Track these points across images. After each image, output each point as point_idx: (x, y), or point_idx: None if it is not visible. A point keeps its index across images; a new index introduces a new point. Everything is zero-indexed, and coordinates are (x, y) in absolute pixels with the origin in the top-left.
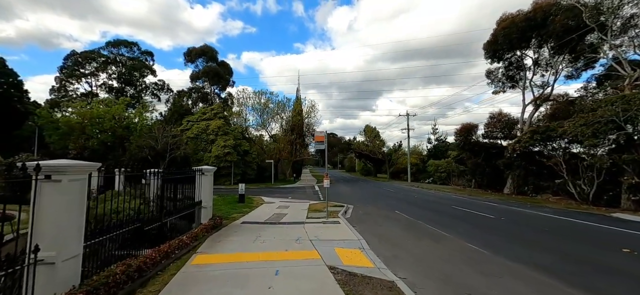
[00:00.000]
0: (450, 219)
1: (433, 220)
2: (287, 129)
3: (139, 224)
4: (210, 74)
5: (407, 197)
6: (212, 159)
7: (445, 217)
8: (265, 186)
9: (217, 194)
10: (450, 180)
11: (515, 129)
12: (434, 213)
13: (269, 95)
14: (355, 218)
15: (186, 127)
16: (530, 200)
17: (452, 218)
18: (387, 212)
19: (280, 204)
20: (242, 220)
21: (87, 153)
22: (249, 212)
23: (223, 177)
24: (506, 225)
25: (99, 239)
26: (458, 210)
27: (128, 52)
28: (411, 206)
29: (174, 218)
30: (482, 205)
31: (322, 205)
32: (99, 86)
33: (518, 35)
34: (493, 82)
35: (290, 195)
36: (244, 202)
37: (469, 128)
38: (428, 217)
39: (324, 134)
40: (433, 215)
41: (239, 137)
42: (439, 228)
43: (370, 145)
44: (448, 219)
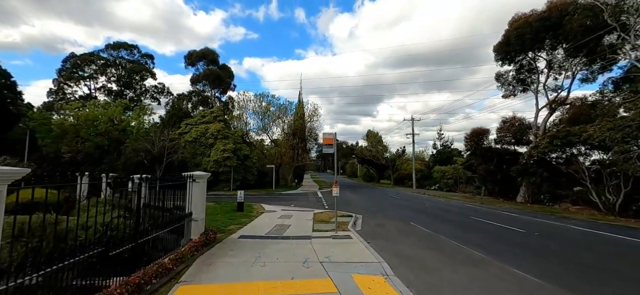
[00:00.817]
0: (476, 233)
1: (457, 235)
2: (289, 133)
3: (102, 249)
4: (211, 77)
5: (417, 206)
6: (211, 163)
7: (469, 231)
8: (266, 192)
9: (215, 201)
10: (458, 187)
11: (527, 134)
12: (455, 226)
13: (270, 99)
14: (368, 231)
15: (184, 130)
16: (548, 209)
17: (477, 232)
18: (401, 223)
19: (282, 212)
20: (239, 233)
21: (80, 156)
22: (248, 223)
23: (222, 183)
24: (545, 242)
25: (43, 271)
26: (479, 222)
27: (128, 54)
28: (425, 216)
29: (155, 235)
30: (502, 216)
31: (328, 214)
32: (98, 89)
33: (532, 36)
34: (503, 85)
35: (293, 202)
36: (242, 210)
37: (480, 133)
38: (450, 231)
39: (333, 136)
40: (454, 229)
41: (239, 141)
42: (469, 246)
43: (373, 150)
44: (473, 233)
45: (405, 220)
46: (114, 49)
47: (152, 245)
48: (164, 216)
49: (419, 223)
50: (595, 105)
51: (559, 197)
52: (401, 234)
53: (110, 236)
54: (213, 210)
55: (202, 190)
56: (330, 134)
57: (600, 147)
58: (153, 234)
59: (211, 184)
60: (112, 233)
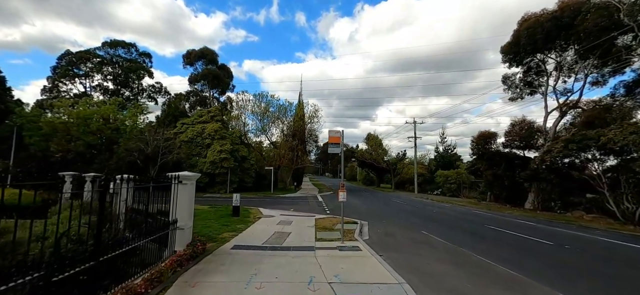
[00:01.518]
0: (498, 245)
1: (479, 247)
2: (288, 135)
3: (40, 273)
4: (209, 77)
5: (424, 212)
6: (207, 164)
7: (490, 243)
8: (263, 195)
9: (210, 204)
10: (461, 192)
11: (536, 138)
12: (471, 235)
13: (269, 99)
14: (377, 241)
15: (180, 130)
16: (561, 217)
17: (499, 244)
18: (411, 232)
19: (281, 218)
20: (233, 242)
21: (71, 156)
22: (244, 230)
23: (219, 185)
24: (585, 259)
25: None
26: (496, 231)
27: (125, 53)
28: (436, 224)
29: (127, 249)
30: (518, 225)
31: (331, 220)
32: (93, 87)
33: (543, 36)
34: (510, 88)
35: (292, 206)
36: (238, 215)
37: (488, 136)
38: (469, 243)
39: (339, 135)
40: (472, 239)
41: (236, 141)
42: (496, 261)
43: (374, 154)
44: (495, 244)
45: (415, 228)
46: (111, 47)
47: (124, 261)
48: (141, 225)
49: (432, 232)
50: (610, 109)
51: (571, 205)
52: (415, 244)
53: (59, 254)
54: (206, 215)
55: (190, 194)
56: (337, 132)
57: (620, 152)
58: (124, 248)
59: (207, 186)
60: (66, 248)
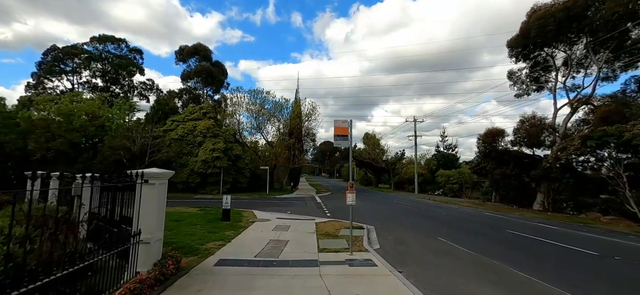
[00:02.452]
0: (534, 255)
1: (512, 258)
2: (285, 133)
3: None
4: (203, 74)
5: (432, 214)
6: (199, 164)
7: (522, 252)
8: (258, 196)
9: (201, 205)
10: (463, 193)
11: (544, 136)
12: (497, 243)
13: (264, 96)
14: (391, 251)
15: (170, 127)
16: (575, 219)
17: (534, 254)
18: (426, 238)
19: (278, 222)
20: (219, 256)
21: (51, 155)
22: (234, 239)
23: (211, 185)
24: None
25: None
26: (522, 238)
27: (115, 49)
28: (450, 228)
29: (54, 277)
30: (540, 229)
31: (333, 225)
32: (81, 84)
33: (554, 28)
34: (515, 83)
35: (289, 208)
36: (229, 219)
37: (496, 134)
38: (497, 252)
39: (347, 125)
40: (499, 248)
41: (230, 140)
42: (548, 281)
43: (372, 154)
44: (530, 255)
45: (429, 233)
46: (100, 42)
47: (59, 291)
48: (98, 238)
49: (449, 238)
50: (628, 104)
51: (584, 205)
52: (436, 255)
53: None
54: (192, 220)
55: (160, 197)
56: (344, 121)
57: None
58: (50, 277)
59: (198, 187)
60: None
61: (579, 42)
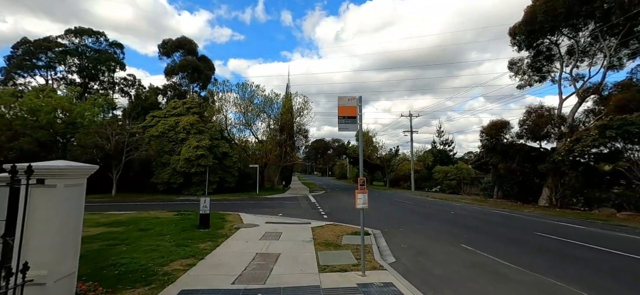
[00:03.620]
0: (612, 275)
1: (582, 279)
2: (275, 129)
3: None
4: (188, 69)
5: (439, 213)
6: (182, 162)
7: (584, 268)
8: (248, 196)
9: (180, 208)
10: (461, 189)
11: (549, 128)
12: (538, 254)
13: (253, 89)
14: (412, 267)
15: (150, 123)
16: (589, 215)
17: (605, 272)
18: (448, 246)
19: (267, 228)
20: (181, 285)
21: (12, 155)
22: (208, 255)
23: (195, 186)
24: None
25: None
26: (566, 244)
27: (93, 42)
28: (470, 232)
29: None
30: (571, 230)
31: (333, 230)
32: (56, 80)
33: (564, 11)
34: (517, 74)
35: (281, 209)
36: (208, 226)
37: (500, 126)
38: (544, 265)
39: (355, 104)
40: (549, 260)
41: (216, 136)
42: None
43: (366, 151)
44: (602, 273)
45: (448, 239)
46: (76, 36)
47: None
48: None
49: (474, 245)
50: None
51: (595, 200)
52: (471, 272)
53: None
54: (162, 228)
55: (69, 206)
56: (351, 99)
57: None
58: None
59: (181, 188)
60: None
61: (585, 29)
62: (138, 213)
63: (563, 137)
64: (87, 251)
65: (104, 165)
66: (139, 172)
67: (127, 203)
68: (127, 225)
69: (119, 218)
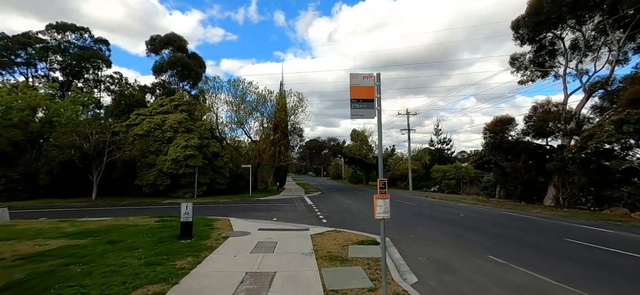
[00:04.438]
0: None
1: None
2: (269, 128)
3: None
4: (178, 66)
5: (446, 215)
6: (169, 163)
7: (632, 283)
8: (240, 199)
9: (164, 213)
10: (460, 189)
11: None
12: (584, 266)
13: (246, 85)
14: (441, 290)
15: (135, 121)
16: (603, 216)
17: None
18: (474, 258)
19: (260, 236)
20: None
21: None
22: (185, 277)
23: (183, 188)
24: None
25: None
26: (606, 253)
27: (77, 39)
28: (491, 238)
29: None
30: (598, 235)
31: (336, 238)
32: (37, 77)
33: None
34: (518, 69)
35: (276, 213)
36: (190, 237)
37: (505, 122)
38: (604, 286)
39: (372, 83)
40: (596, 276)
41: (206, 135)
42: None
43: (361, 150)
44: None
45: (470, 248)
46: (58, 31)
47: None
48: None
49: (503, 255)
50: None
51: (605, 200)
52: None
53: None
54: (136, 240)
55: None
56: (368, 76)
57: None
58: None
59: (168, 190)
60: None
61: (589, 22)
62: (115, 220)
63: (572, 133)
64: (30, 274)
65: (84, 167)
66: (123, 173)
67: (107, 208)
68: (96, 236)
69: (89, 227)
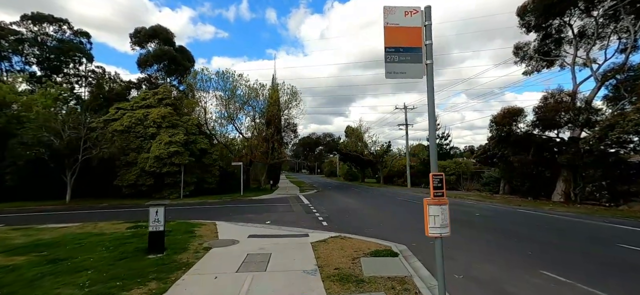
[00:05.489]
0: None
1: None
2: (261, 123)
3: None
4: (164, 59)
5: (463, 216)
6: (151, 160)
7: None
8: (230, 199)
9: (141, 218)
10: (460, 185)
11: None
12: None
13: (236, 77)
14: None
15: (114, 116)
16: (623, 213)
17: None
18: (523, 273)
19: (250, 246)
20: None
21: None
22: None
23: (168, 188)
24: None
25: None
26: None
27: (56, 31)
28: (526, 244)
29: None
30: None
31: (342, 247)
32: (10, 72)
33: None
34: (523, 59)
35: (269, 215)
36: (161, 250)
37: (514, 113)
38: None
39: (419, 21)
40: None
41: (193, 131)
42: None
43: (359, 146)
44: None
45: (513, 260)
46: (34, 22)
47: None
48: None
49: (561, 271)
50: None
51: (622, 195)
52: None
53: None
54: (88, 257)
55: None
56: (410, 11)
57: None
58: None
59: (151, 190)
60: None
61: (599, 6)
62: (81, 226)
63: (587, 125)
64: None
65: (56, 166)
66: (101, 173)
67: (81, 211)
68: (41, 252)
69: (43, 237)
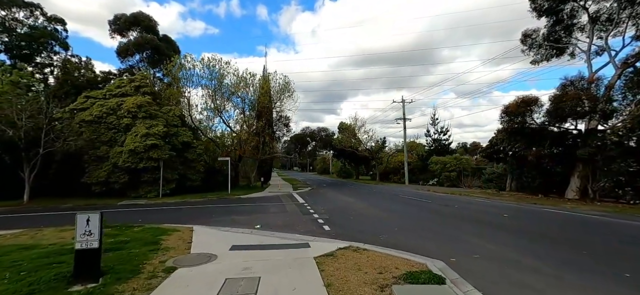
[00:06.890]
0: None
1: None
2: (251, 116)
3: None
4: (147, 49)
5: (476, 216)
6: (125, 155)
7: None
8: (216, 197)
9: (114, 225)
10: (460, 181)
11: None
12: None
13: (223, 65)
14: None
15: (82, 105)
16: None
17: None
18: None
19: (232, 265)
20: None
21: None
22: None
23: (146, 185)
24: None
25: None
26: None
27: (27, 17)
28: (586, 254)
29: None
30: None
31: (358, 268)
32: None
33: None
34: (531, 48)
35: (259, 216)
36: (94, 278)
37: (528, 102)
38: None
39: None
40: None
41: (175, 122)
42: None
43: (354, 142)
44: None
45: (585, 285)
46: (2, 7)
47: None
48: None
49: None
50: None
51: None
52: None
53: None
54: (10, 279)
55: None
56: None
57: None
58: None
59: (126, 189)
60: None
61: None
62: (17, 235)
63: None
64: None
65: (12, 161)
66: (67, 169)
67: (38, 213)
68: None
69: None
